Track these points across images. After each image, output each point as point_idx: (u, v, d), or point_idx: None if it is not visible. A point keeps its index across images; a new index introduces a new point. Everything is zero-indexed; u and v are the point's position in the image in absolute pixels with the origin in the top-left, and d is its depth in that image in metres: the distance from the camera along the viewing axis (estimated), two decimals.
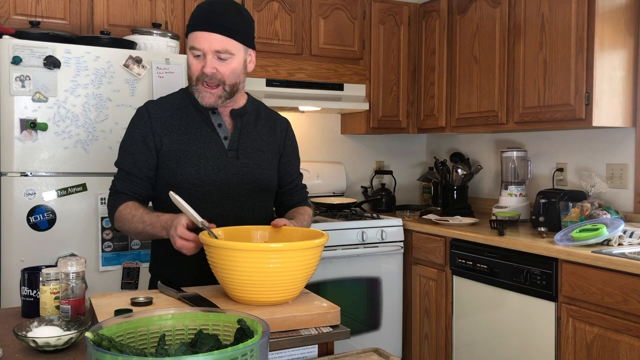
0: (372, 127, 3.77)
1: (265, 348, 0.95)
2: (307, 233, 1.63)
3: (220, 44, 1.65)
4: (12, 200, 2.48)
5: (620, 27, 2.76)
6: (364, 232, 3.29)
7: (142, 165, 1.75)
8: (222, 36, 1.65)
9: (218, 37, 1.65)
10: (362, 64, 3.73)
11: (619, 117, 2.81)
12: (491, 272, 2.84)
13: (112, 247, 2.64)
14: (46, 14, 2.85)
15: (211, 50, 1.65)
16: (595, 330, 2.33)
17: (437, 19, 3.66)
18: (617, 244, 2.46)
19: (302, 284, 1.51)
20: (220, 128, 1.77)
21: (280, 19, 3.44)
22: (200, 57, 1.68)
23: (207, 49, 1.65)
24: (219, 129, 1.77)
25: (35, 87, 2.48)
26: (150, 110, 1.77)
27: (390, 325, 3.43)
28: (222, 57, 1.67)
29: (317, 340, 1.41)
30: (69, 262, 1.46)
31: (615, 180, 2.99)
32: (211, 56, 1.66)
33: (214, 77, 1.67)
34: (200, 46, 1.66)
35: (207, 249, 1.49)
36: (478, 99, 3.36)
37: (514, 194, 3.32)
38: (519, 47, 3.07)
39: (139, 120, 1.77)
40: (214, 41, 1.65)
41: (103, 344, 0.91)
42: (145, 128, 1.75)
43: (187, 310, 1.12)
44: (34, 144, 2.50)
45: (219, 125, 1.77)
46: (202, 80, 1.68)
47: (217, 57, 1.67)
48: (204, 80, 1.68)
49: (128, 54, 2.67)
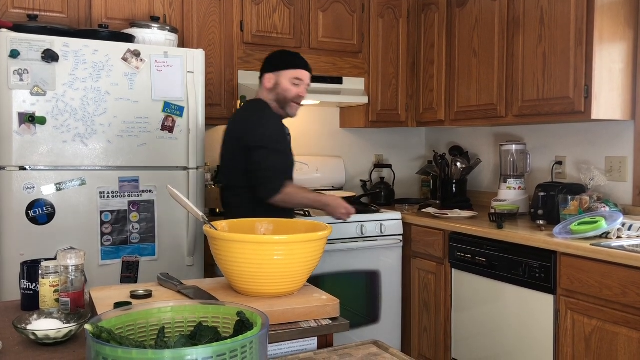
0: (371, 120, 3.77)
1: (265, 340, 0.95)
2: (311, 226, 1.64)
3: (309, 80, 2.59)
4: (11, 194, 2.48)
5: (619, 20, 2.76)
6: (363, 226, 3.29)
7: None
8: (310, 74, 2.59)
9: (309, 75, 2.59)
10: (361, 58, 3.72)
11: (618, 110, 2.81)
12: (490, 265, 2.84)
13: (111, 241, 2.64)
14: (44, 7, 2.84)
15: (306, 83, 2.56)
16: (593, 323, 2.34)
17: (436, 12, 3.65)
18: (615, 236, 2.47)
19: (305, 276, 1.52)
20: (289, 137, 2.63)
21: (279, 12, 3.43)
22: (299, 85, 2.52)
23: (306, 81, 2.56)
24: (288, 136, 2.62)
25: (33, 81, 2.48)
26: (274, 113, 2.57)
27: (390, 318, 3.43)
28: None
29: (316, 332, 1.42)
30: (69, 255, 1.46)
31: (614, 173, 2.99)
32: (304, 87, 2.55)
33: (301, 99, 2.56)
34: (304, 78, 2.54)
35: (212, 242, 1.50)
36: (477, 92, 3.35)
37: (513, 187, 3.32)
38: (518, 40, 3.06)
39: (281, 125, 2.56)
40: (308, 78, 2.58)
41: (103, 336, 0.91)
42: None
43: (187, 302, 1.12)
44: (33, 138, 2.49)
45: (289, 134, 2.62)
46: (297, 101, 2.54)
47: (306, 87, 2.57)
48: (297, 101, 2.54)
49: (127, 47, 2.66)
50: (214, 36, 3.23)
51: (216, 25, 3.24)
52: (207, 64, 3.09)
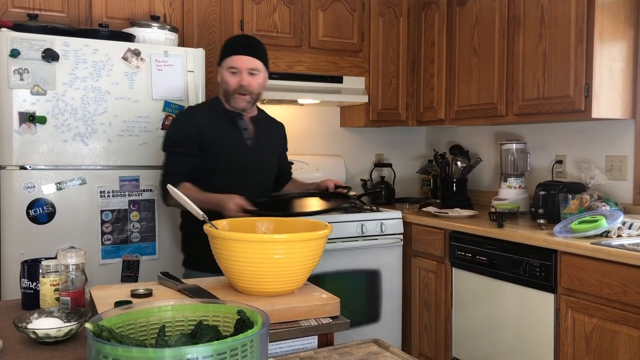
0: (371, 119, 3.77)
1: (265, 339, 0.95)
2: (311, 224, 1.64)
3: (252, 64, 2.23)
4: (11, 193, 2.48)
5: (620, 19, 2.76)
6: (363, 225, 3.29)
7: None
8: (253, 58, 2.23)
9: (251, 59, 2.23)
10: (361, 57, 3.72)
11: (619, 109, 2.81)
12: (490, 264, 2.84)
13: (111, 240, 2.64)
14: (44, 6, 2.84)
15: (246, 68, 2.22)
16: (594, 322, 2.34)
17: (437, 11, 3.65)
18: (616, 235, 2.47)
19: (306, 275, 1.52)
20: (245, 131, 2.31)
21: (279, 11, 3.42)
22: (237, 74, 2.22)
23: (243, 67, 2.22)
24: (244, 132, 2.30)
25: (33, 80, 2.48)
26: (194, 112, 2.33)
27: (390, 317, 3.43)
28: (253, 73, 2.24)
29: (316, 331, 1.42)
30: (69, 254, 1.46)
31: (614, 172, 2.99)
32: (246, 73, 2.22)
33: (246, 89, 2.23)
34: (238, 65, 2.21)
35: (213, 240, 1.50)
36: (477, 91, 3.35)
37: (514, 186, 3.32)
38: (519, 39, 3.06)
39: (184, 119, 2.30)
40: (248, 61, 2.22)
41: (103, 335, 0.91)
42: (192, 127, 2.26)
43: (187, 301, 1.12)
44: (33, 137, 2.49)
45: (245, 129, 2.31)
46: (238, 91, 2.23)
47: (249, 73, 2.23)
48: (239, 91, 2.23)
49: (127, 46, 2.66)
50: (214, 35, 3.23)
51: (216, 24, 3.24)
52: (208, 63, 3.08)
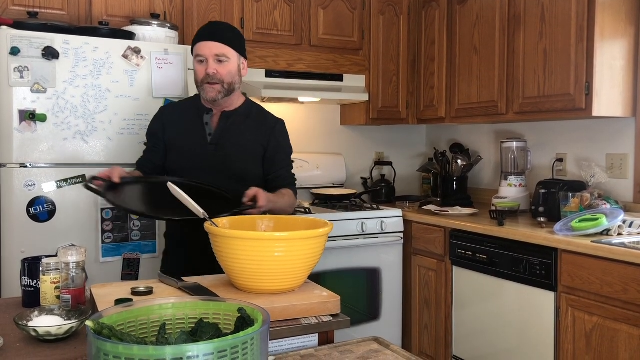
0: (371, 118, 3.76)
1: (266, 336, 0.95)
2: (312, 222, 1.65)
3: (218, 50, 2.05)
4: (11, 191, 2.48)
5: (620, 17, 2.75)
6: (363, 223, 3.29)
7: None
8: (220, 43, 2.05)
9: (217, 44, 2.05)
10: (361, 55, 3.71)
11: (619, 107, 2.80)
12: (491, 263, 2.84)
13: (112, 238, 2.64)
14: (44, 4, 2.84)
15: (212, 55, 2.04)
16: (594, 320, 2.34)
17: (437, 9, 3.65)
18: (616, 233, 2.47)
19: (306, 273, 1.52)
20: (207, 126, 2.12)
21: (280, 9, 3.42)
22: (204, 62, 2.05)
23: (209, 54, 2.04)
24: (206, 127, 2.12)
25: (33, 78, 2.48)
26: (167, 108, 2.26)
27: (390, 315, 3.44)
28: (221, 60, 2.06)
29: (317, 329, 1.42)
30: (69, 252, 1.46)
31: (615, 171, 2.99)
32: (212, 60, 2.05)
33: (214, 77, 2.05)
34: (203, 52, 2.05)
35: (213, 238, 1.50)
36: (478, 89, 3.35)
37: (514, 185, 3.31)
38: (519, 37, 3.06)
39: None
40: (213, 47, 2.04)
41: (104, 332, 0.91)
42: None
43: (188, 299, 1.12)
44: (33, 135, 2.49)
45: (206, 123, 2.12)
46: (206, 81, 2.06)
47: (216, 60, 2.05)
48: (207, 80, 2.06)
49: (127, 44, 2.66)
50: None
51: None
52: None
